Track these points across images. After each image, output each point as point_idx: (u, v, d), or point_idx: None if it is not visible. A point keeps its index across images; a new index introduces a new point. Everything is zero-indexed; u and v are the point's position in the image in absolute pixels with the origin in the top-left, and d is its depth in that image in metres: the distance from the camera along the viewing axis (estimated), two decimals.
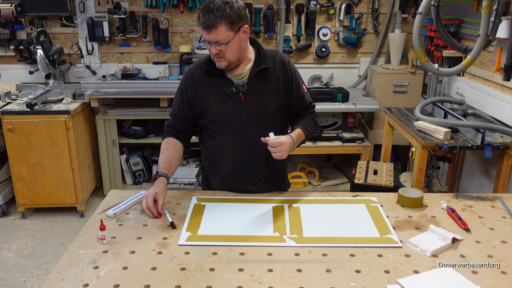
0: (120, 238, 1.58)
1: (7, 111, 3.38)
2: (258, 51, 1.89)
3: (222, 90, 1.85)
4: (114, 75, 4.01)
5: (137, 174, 4.03)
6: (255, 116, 1.87)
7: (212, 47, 1.73)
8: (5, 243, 3.31)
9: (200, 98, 1.89)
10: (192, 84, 1.89)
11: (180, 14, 4.04)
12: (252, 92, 1.85)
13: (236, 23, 1.71)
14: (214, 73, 1.86)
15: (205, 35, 1.72)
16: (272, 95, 1.87)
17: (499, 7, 2.55)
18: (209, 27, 1.68)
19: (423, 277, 1.35)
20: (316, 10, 3.99)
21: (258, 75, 1.85)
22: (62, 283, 1.33)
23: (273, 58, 1.89)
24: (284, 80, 1.89)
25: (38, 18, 3.94)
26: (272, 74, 1.87)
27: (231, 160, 1.92)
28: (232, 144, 1.90)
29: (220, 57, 1.76)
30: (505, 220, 1.71)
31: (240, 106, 1.85)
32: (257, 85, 1.86)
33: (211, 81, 1.87)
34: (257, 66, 1.85)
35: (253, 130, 1.87)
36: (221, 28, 1.68)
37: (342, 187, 3.99)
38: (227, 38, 1.71)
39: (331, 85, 4.21)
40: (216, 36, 1.69)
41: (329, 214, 1.75)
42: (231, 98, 1.85)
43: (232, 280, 1.34)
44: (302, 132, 1.91)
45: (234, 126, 1.88)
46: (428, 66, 2.80)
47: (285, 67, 1.90)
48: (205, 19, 1.68)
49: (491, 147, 2.61)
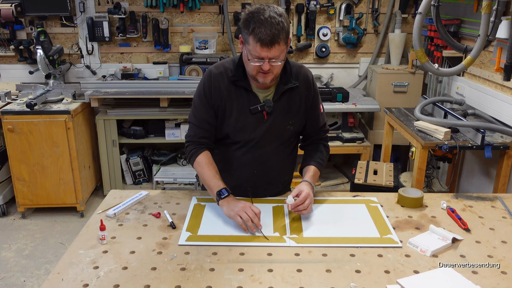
0: (120, 238, 1.58)
1: (7, 111, 3.38)
2: (285, 65, 1.75)
3: (246, 105, 1.75)
4: (114, 75, 4.01)
5: (137, 174, 4.03)
6: (272, 135, 1.80)
7: (266, 64, 1.59)
8: (5, 243, 3.31)
9: (223, 108, 1.76)
10: (216, 91, 1.75)
11: (180, 14, 4.04)
12: (276, 112, 1.77)
13: (289, 36, 1.62)
14: (240, 85, 1.75)
15: (263, 52, 1.56)
16: (293, 115, 1.80)
17: (499, 7, 2.55)
18: (271, 43, 1.54)
19: (423, 277, 1.35)
20: (316, 10, 3.98)
21: (284, 93, 1.77)
22: (62, 283, 1.33)
23: (297, 75, 1.79)
24: (305, 100, 1.81)
25: (38, 18, 3.93)
26: (296, 93, 1.78)
27: (239, 174, 1.86)
28: (244, 159, 1.83)
29: (269, 72, 1.63)
30: (505, 220, 1.71)
31: (262, 124, 1.77)
32: (281, 104, 1.77)
33: (236, 93, 1.76)
34: (284, 84, 1.75)
35: (267, 148, 1.82)
36: (282, 44, 1.57)
37: (342, 187, 3.99)
38: (283, 53, 1.61)
39: (331, 85, 4.21)
40: (276, 52, 1.57)
41: (329, 214, 1.75)
42: (254, 115, 1.76)
43: (232, 280, 1.34)
44: (317, 170, 1.83)
45: (250, 143, 1.80)
46: (428, 66, 2.80)
47: (309, 85, 1.81)
48: (265, 35, 1.52)
49: (491, 147, 2.60)
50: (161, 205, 1.82)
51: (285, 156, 1.90)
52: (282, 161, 1.90)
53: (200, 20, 4.08)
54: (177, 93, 3.59)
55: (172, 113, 3.75)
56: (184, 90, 3.62)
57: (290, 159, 1.95)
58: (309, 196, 1.67)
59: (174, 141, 3.91)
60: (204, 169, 1.76)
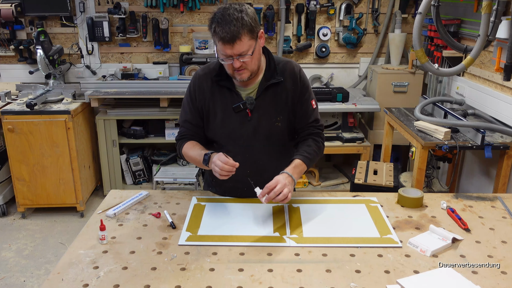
0: (120, 238, 1.58)
1: (7, 111, 3.38)
2: (269, 61, 1.78)
3: (230, 104, 1.76)
4: (114, 75, 4.01)
5: (137, 174, 4.03)
6: (261, 134, 1.79)
7: (235, 61, 1.61)
8: (5, 243, 3.31)
9: (207, 109, 1.80)
10: (200, 92, 1.80)
11: (180, 14, 4.04)
12: (260, 109, 1.76)
13: (255, 30, 1.61)
14: (223, 84, 1.77)
15: (227, 49, 1.59)
16: (280, 111, 1.78)
17: (499, 7, 2.55)
18: (232, 40, 1.56)
19: (423, 277, 1.35)
20: (316, 10, 3.98)
21: (267, 90, 1.76)
22: (62, 283, 1.33)
23: (283, 70, 1.77)
24: (293, 95, 1.78)
25: (38, 18, 3.94)
26: (282, 88, 1.77)
27: (233, 174, 1.82)
28: (236, 159, 1.80)
29: (243, 69, 1.65)
30: (505, 220, 1.71)
31: (247, 122, 1.77)
32: (266, 101, 1.76)
33: (219, 92, 1.78)
34: (267, 80, 1.75)
35: (258, 147, 1.81)
36: (244, 39, 1.57)
37: (342, 187, 3.99)
38: (250, 48, 1.61)
39: (331, 85, 4.22)
40: (240, 48, 1.58)
41: (329, 214, 1.75)
42: (238, 113, 1.76)
43: (232, 280, 1.34)
44: (301, 163, 1.74)
45: (239, 142, 1.80)
46: (428, 66, 2.80)
47: (295, 80, 1.78)
48: (225, 32, 1.55)
49: (491, 147, 2.61)
50: (161, 205, 1.82)
51: (277, 155, 1.86)
52: (275, 160, 1.85)
53: (200, 20, 4.08)
54: (177, 93, 3.58)
55: (172, 113, 3.75)
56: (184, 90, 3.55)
57: (284, 159, 1.89)
58: (279, 182, 1.59)
59: (174, 141, 3.85)
60: (189, 151, 1.81)
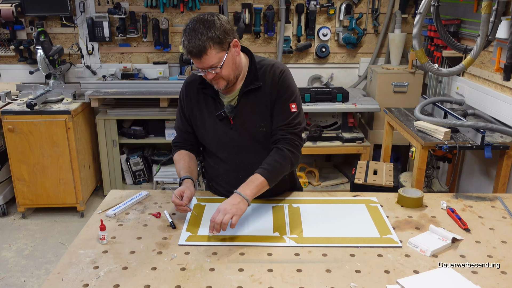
0: (120, 238, 1.58)
1: (7, 111, 3.38)
2: (250, 67, 1.74)
3: (214, 112, 1.76)
4: (114, 75, 4.01)
5: (137, 174, 4.03)
6: (247, 140, 1.77)
7: (208, 73, 1.61)
8: (5, 243, 3.31)
9: (194, 116, 1.82)
10: (188, 100, 1.83)
11: (180, 14, 4.04)
12: (242, 115, 1.74)
13: (225, 41, 1.58)
14: (207, 92, 1.77)
15: (196, 63, 1.59)
16: (263, 117, 1.75)
17: (499, 7, 2.55)
18: (198, 54, 1.55)
19: (423, 277, 1.35)
20: (316, 10, 3.98)
21: (248, 95, 1.73)
22: (62, 283, 1.33)
23: (264, 74, 1.73)
24: (271, 98, 1.73)
25: (38, 18, 3.93)
26: (262, 93, 1.73)
27: (227, 180, 1.86)
28: (226, 166, 1.83)
29: (218, 79, 1.64)
30: (505, 220, 1.71)
31: (230, 130, 1.76)
32: (247, 106, 1.74)
33: (205, 101, 1.79)
34: (246, 86, 1.73)
35: (247, 153, 1.79)
36: (211, 52, 1.55)
37: (342, 187, 3.99)
38: (220, 60, 1.58)
39: (331, 85, 4.22)
40: (208, 61, 1.57)
41: (329, 214, 1.75)
42: (222, 121, 1.76)
43: (232, 280, 1.34)
44: (258, 177, 1.64)
45: (227, 149, 1.80)
46: (428, 66, 2.80)
47: (274, 82, 1.72)
48: (191, 47, 1.54)
49: (491, 147, 2.61)
50: (161, 205, 1.82)
51: None
52: None
53: None
54: (177, 93, 3.50)
55: (172, 113, 3.74)
56: None
57: None
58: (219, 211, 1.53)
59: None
60: (176, 164, 1.85)
